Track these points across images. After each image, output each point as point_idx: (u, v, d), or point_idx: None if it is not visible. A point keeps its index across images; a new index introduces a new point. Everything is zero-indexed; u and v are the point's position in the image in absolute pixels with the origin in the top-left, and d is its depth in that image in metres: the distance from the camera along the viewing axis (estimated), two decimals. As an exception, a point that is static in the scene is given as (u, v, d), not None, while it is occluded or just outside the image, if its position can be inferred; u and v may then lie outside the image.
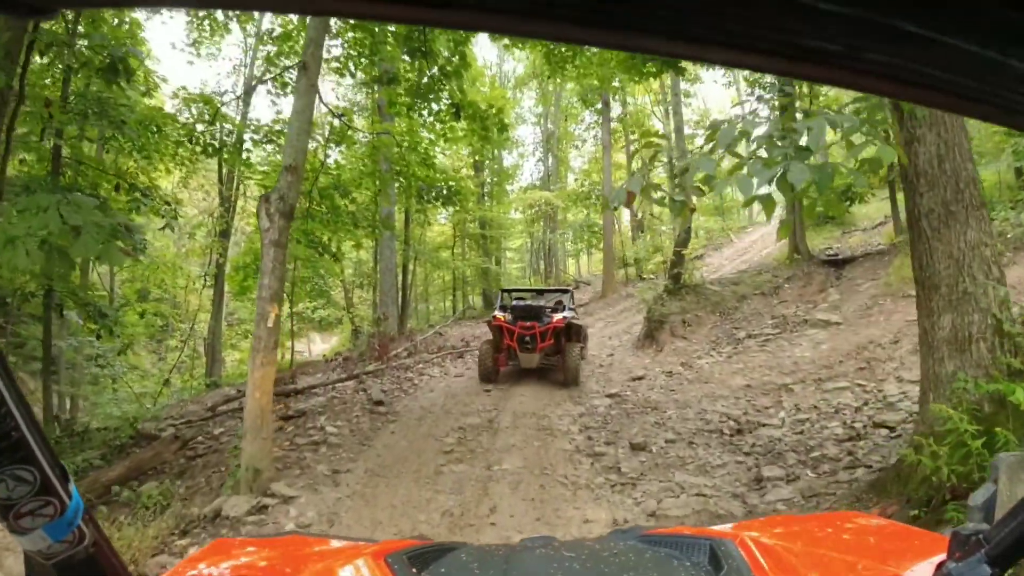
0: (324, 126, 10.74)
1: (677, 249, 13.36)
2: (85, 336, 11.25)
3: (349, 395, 8.75)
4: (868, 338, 8.45)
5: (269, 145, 10.50)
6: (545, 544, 1.31)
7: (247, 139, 10.11)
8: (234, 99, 12.89)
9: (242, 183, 16.30)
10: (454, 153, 21.80)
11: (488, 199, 25.83)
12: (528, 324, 8.97)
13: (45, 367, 8.92)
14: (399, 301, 17.03)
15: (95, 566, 0.61)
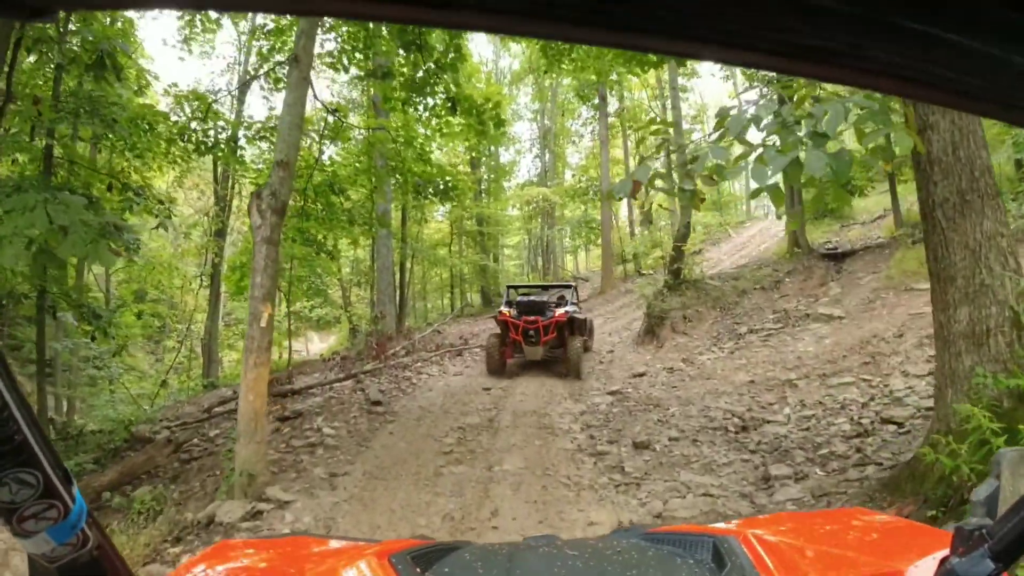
0: (318, 123, 10.58)
1: (676, 244, 13.24)
2: (80, 338, 11.11)
3: (347, 395, 8.62)
4: (871, 332, 8.34)
5: (263, 143, 10.34)
6: (548, 543, 1.31)
7: (241, 136, 9.95)
8: (227, 95, 12.71)
9: (237, 182, 16.14)
10: (451, 150, 21.65)
11: (485, 196, 25.69)
12: (532, 319, 9.27)
13: (39, 369, 8.81)
14: (397, 299, 16.90)
15: (99, 569, 0.61)
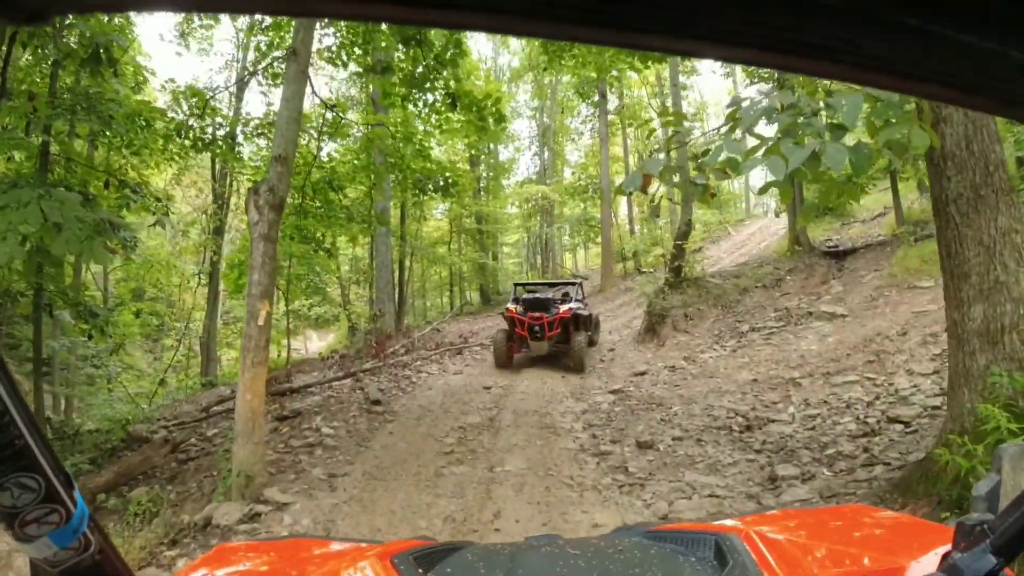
0: (317, 119, 10.48)
1: (677, 242, 13.17)
2: (78, 336, 11.04)
3: (346, 394, 8.54)
4: (875, 330, 8.27)
5: (261, 140, 10.24)
6: (550, 542, 1.31)
7: (239, 133, 9.85)
8: (224, 90, 12.60)
9: (235, 179, 16.03)
10: (450, 147, 21.55)
11: (484, 194, 25.59)
12: (537, 315, 9.59)
13: (36, 368, 8.72)
14: (396, 297, 16.81)
15: (101, 573, 0.61)
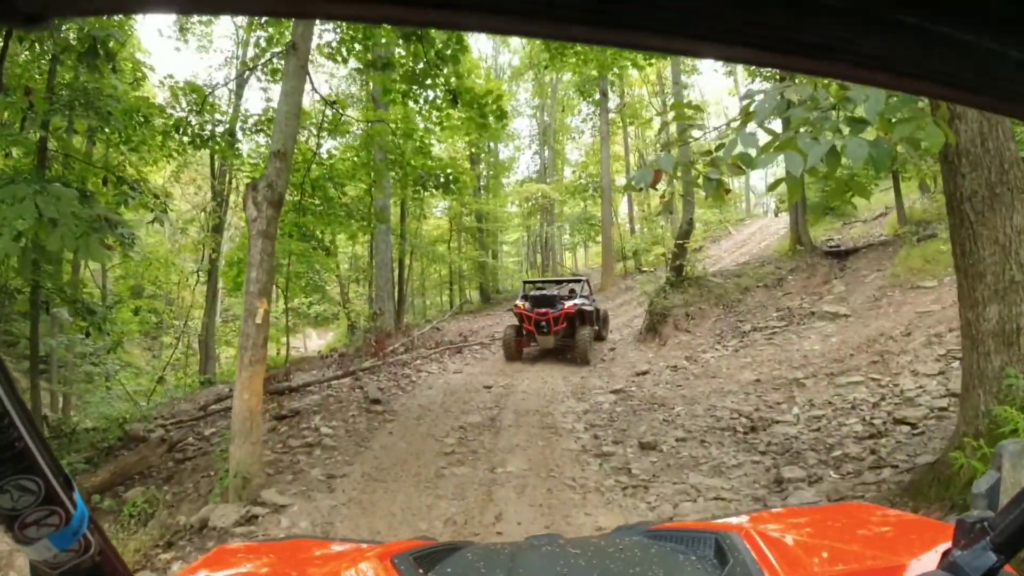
0: (317, 116, 10.39)
1: (679, 241, 13.10)
2: (76, 334, 10.96)
3: (345, 393, 8.46)
4: (878, 330, 8.20)
5: (261, 136, 10.16)
6: (550, 541, 1.31)
7: (238, 129, 9.76)
8: (222, 86, 12.51)
9: (234, 177, 15.95)
10: (450, 146, 21.46)
11: (484, 192, 25.50)
12: (543, 311, 10.06)
13: (33, 366, 8.65)
14: (395, 296, 16.74)
15: (101, 575, 0.60)
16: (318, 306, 22.24)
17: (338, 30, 8.72)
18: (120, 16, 8.76)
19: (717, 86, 49.05)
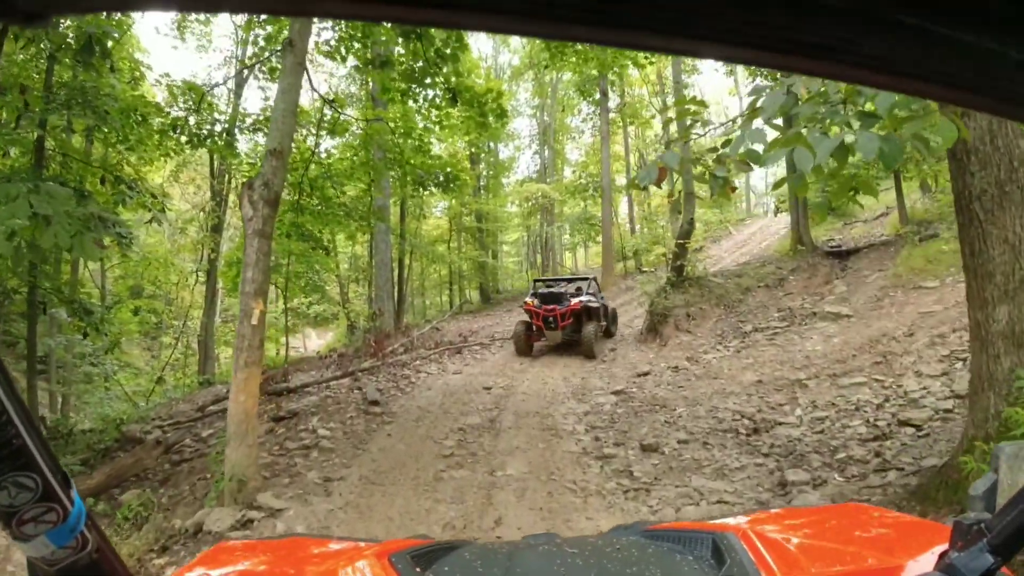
0: (315, 115, 10.33)
1: (679, 241, 13.02)
2: (74, 334, 10.91)
3: (343, 394, 8.39)
4: (881, 331, 8.14)
5: (259, 135, 10.09)
6: (548, 541, 1.31)
7: (236, 129, 9.69)
8: (221, 85, 12.45)
9: (233, 177, 15.89)
10: (450, 145, 21.40)
11: (484, 192, 25.44)
12: (551, 307, 10.49)
13: (30, 366, 8.60)
14: (395, 296, 16.67)
15: (98, 571, 0.61)
16: (317, 306, 22.20)
17: (337, 28, 8.66)
18: (119, 15, 8.72)
19: (717, 86, 48.96)
